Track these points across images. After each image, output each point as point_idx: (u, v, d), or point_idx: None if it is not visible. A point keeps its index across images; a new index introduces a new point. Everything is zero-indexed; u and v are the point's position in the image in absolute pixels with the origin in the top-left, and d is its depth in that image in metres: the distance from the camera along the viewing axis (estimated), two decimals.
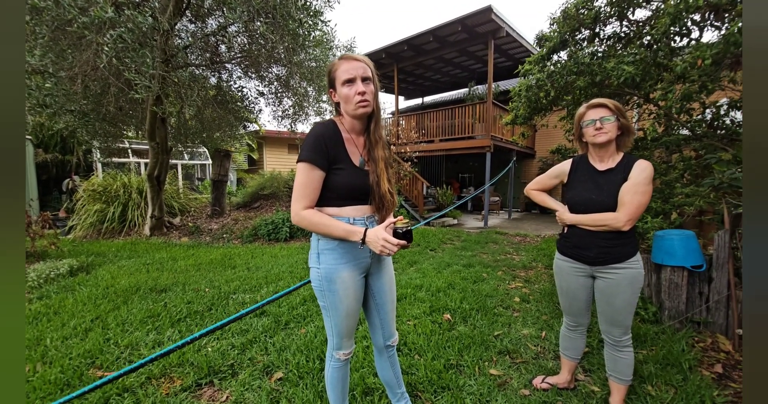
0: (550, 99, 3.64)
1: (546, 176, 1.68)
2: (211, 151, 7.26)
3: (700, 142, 3.28)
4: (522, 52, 8.67)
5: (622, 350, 1.49)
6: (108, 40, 2.66)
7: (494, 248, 5.11)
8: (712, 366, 1.89)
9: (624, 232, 1.40)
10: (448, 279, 3.43)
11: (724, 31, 2.52)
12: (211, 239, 5.68)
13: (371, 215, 1.20)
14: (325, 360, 1.33)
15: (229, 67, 5.33)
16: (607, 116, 1.40)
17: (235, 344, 2.19)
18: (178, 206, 6.73)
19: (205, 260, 4.35)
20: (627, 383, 1.51)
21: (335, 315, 1.19)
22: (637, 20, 3.44)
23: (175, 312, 2.66)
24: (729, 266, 2.13)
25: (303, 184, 1.09)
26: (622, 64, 2.70)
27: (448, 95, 13.42)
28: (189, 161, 10.39)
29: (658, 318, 2.34)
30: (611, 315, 1.47)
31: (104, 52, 2.72)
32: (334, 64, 1.15)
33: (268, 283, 3.41)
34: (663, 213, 3.13)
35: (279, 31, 3.30)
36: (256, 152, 14.11)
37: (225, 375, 1.89)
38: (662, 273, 2.30)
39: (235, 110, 5.79)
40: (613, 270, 1.44)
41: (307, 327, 2.42)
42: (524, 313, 2.67)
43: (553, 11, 3.61)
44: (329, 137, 1.12)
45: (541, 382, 1.75)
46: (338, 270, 1.15)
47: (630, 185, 1.35)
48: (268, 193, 7.28)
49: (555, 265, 1.65)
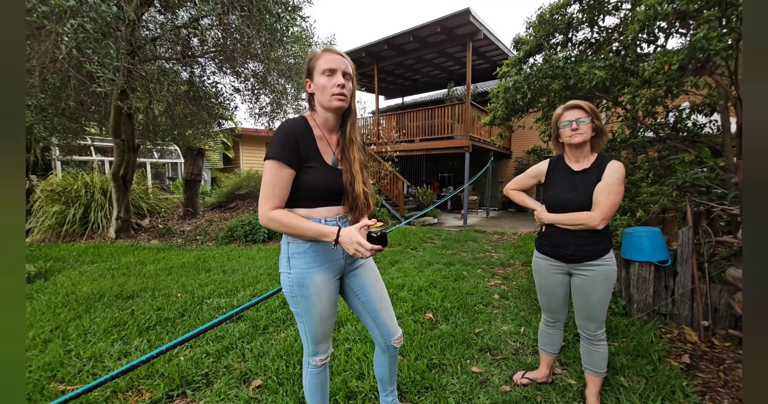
0: (526, 101, 3.74)
1: (524, 176, 1.71)
2: (183, 149, 6.93)
3: (663, 144, 3.48)
4: (499, 55, 8.89)
5: (597, 344, 1.55)
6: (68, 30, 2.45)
7: (473, 247, 5.20)
8: (680, 357, 2.00)
9: (599, 230, 1.45)
10: (430, 278, 3.45)
11: (689, 37, 2.67)
12: (183, 242, 5.42)
13: (344, 216, 1.15)
14: (302, 366, 1.28)
15: (202, 61, 5.10)
16: (583, 118, 1.44)
17: (209, 351, 2.09)
18: (146, 206, 6.37)
19: (177, 263, 4.14)
20: (602, 375, 1.56)
21: (309, 321, 1.13)
22: (606, 27, 3.60)
23: (143, 320, 2.50)
24: (692, 260, 2.26)
25: (271, 183, 1.02)
26: (594, 68, 2.81)
27: (428, 96, 13.55)
28: (159, 160, 9.88)
29: (628, 311, 2.46)
30: (587, 310, 1.51)
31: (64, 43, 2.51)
32: (316, 54, 1.10)
33: (245, 286, 3.29)
34: (630, 211, 3.29)
35: (255, 25, 3.18)
36: (232, 151, 13.64)
37: (199, 384, 1.80)
38: (631, 268, 2.42)
39: (209, 106, 5.55)
40: (589, 267, 1.48)
41: (287, 331, 2.35)
42: (503, 310, 2.72)
43: (529, 16, 3.72)
44: (300, 133, 1.06)
45: (521, 378, 1.78)
46: (310, 274, 1.09)
47: (604, 186, 1.39)
48: (244, 193, 7.04)
49: (534, 263, 1.68)
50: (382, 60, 9.22)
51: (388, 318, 1.27)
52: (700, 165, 3.17)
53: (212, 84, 5.33)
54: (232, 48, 4.14)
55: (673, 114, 3.58)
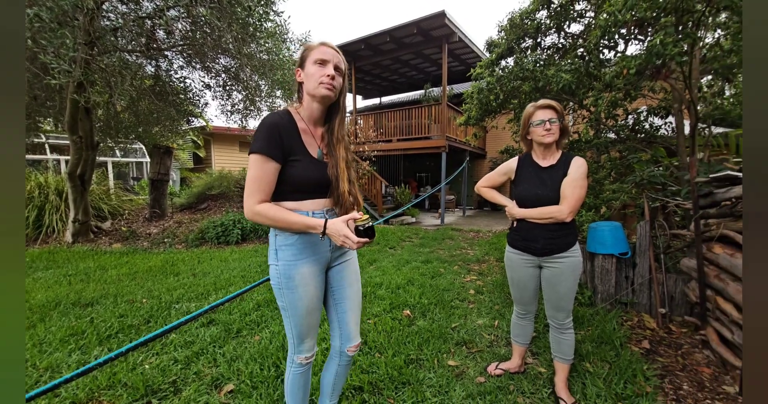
0: (499, 102, 3.86)
1: (495, 174, 1.76)
2: (149, 147, 6.56)
3: (624, 144, 3.71)
4: (473, 58, 9.11)
5: (565, 332, 1.62)
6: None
7: (450, 244, 5.29)
8: (640, 342, 2.13)
9: (566, 223, 1.51)
10: (408, 276, 3.48)
11: (647, 43, 2.86)
12: (149, 245, 5.14)
13: (331, 209, 1.14)
14: (286, 365, 1.24)
15: (169, 55, 4.85)
16: (554, 118, 1.50)
17: (178, 358, 1.99)
18: (108, 208, 5.98)
19: (142, 267, 3.92)
20: (569, 362, 1.64)
21: (294, 314, 1.11)
22: (572, 33, 3.79)
23: (103, 328, 2.34)
24: (650, 252, 2.42)
25: (256, 178, 1.01)
26: (561, 72, 2.95)
27: (405, 96, 13.66)
28: (122, 159, 9.32)
29: (593, 301, 2.59)
30: (556, 300, 1.58)
31: None
32: (311, 45, 1.10)
33: (217, 289, 3.17)
34: (594, 207, 3.48)
35: (226, 18, 3.06)
36: (203, 150, 13.10)
37: (166, 393, 1.71)
38: (595, 261, 2.56)
39: (177, 102, 5.29)
40: (558, 260, 1.55)
41: (262, 333, 2.28)
42: (478, 304, 2.79)
43: (501, 19, 3.84)
44: (283, 126, 1.05)
45: (495, 369, 1.84)
46: (297, 266, 1.08)
47: (569, 181, 1.46)
48: (216, 193, 6.77)
49: (506, 258, 1.74)
50: (359, 59, 9.19)
51: (353, 322, 1.25)
52: (656, 164, 3.40)
53: (180, 79, 5.08)
54: (202, 42, 3.97)
55: (632, 116, 3.82)
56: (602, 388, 1.65)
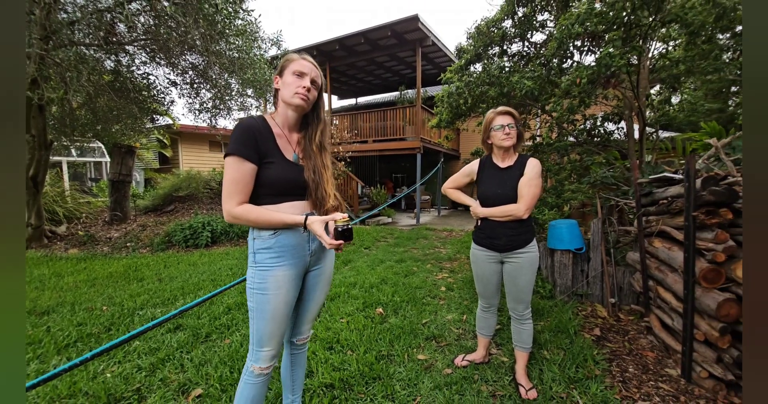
0: (468, 106, 4.01)
1: (459, 175, 1.85)
2: (109, 146, 6.19)
3: (582, 147, 3.98)
4: (446, 61, 9.34)
5: (524, 322, 1.74)
6: None
7: (424, 243, 5.41)
8: (592, 330, 2.31)
9: (524, 221, 1.63)
10: (381, 275, 3.53)
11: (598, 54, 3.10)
12: (110, 250, 4.86)
13: (311, 212, 1.17)
14: (241, 374, 1.18)
15: (130, 49, 4.61)
16: (512, 123, 1.62)
17: (142, 365, 1.93)
18: (63, 211, 5.59)
19: (102, 273, 3.72)
20: (528, 350, 1.76)
21: (260, 317, 1.11)
22: (535, 42, 4.01)
23: (61, 337, 2.22)
24: (602, 247, 2.63)
25: (234, 180, 1.03)
26: (524, 78, 3.12)
27: (381, 97, 13.74)
28: (78, 158, 8.72)
29: (553, 294, 2.77)
30: (516, 293, 1.70)
31: None
32: (292, 57, 1.16)
33: (185, 294, 3.07)
34: (557, 206, 3.70)
35: (192, 14, 2.97)
36: (170, 149, 12.49)
37: (130, 401, 1.65)
38: (555, 256, 2.74)
39: (139, 99, 5.04)
40: (518, 255, 1.66)
41: (232, 337, 2.25)
42: (449, 300, 2.89)
43: (469, 26, 3.99)
44: (258, 130, 1.08)
45: (462, 360, 1.93)
46: (272, 270, 1.09)
47: (526, 180, 1.58)
48: (184, 194, 6.50)
49: (472, 254, 1.83)
50: (333, 60, 9.16)
51: (308, 320, 1.30)
52: (610, 166, 3.68)
53: (143, 75, 4.85)
54: (167, 37, 3.82)
55: (590, 122, 4.10)
56: (557, 373, 1.79)
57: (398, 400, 1.62)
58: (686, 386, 1.72)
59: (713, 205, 1.61)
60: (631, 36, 2.87)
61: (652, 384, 1.75)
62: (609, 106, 4.09)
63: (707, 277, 1.61)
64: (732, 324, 1.58)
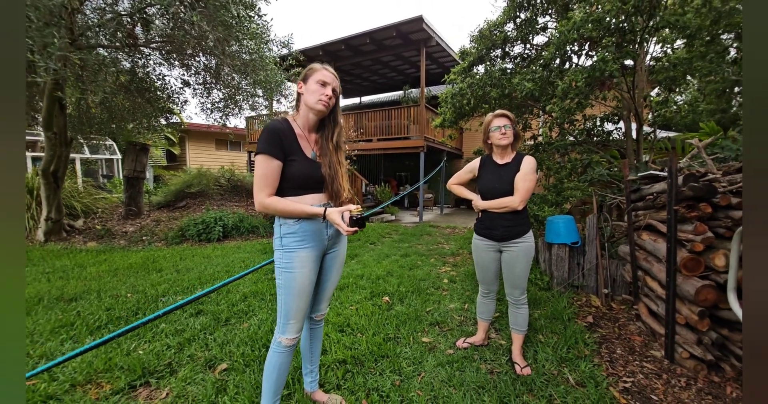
0: (471, 106, 4.17)
1: (462, 172, 2.02)
2: (122, 144, 6.41)
3: (581, 146, 4.12)
4: (450, 61, 9.47)
5: (520, 307, 1.90)
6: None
7: (428, 240, 5.58)
8: (586, 317, 2.47)
9: (520, 213, 1.79)
10: (387, 268, 3.71)
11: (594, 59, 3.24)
12: (127, 243, 5.07)
13: (327, 202, 1.35)
14: (270, 345, 1.37)
15: (146, 51, 4.81)
16: (508, 125, 1.78)
17: (170, 344, 2.12)
18: (80, 206, 5.82)
19: (123, 265, 3.92)
20: (523, 332, 1.92)
21: (287, 293, 1.29)
22: (536, 44, 4.15)
23: (92, 320, 2.41)
24: (596, 241, 2.78)
25: (263, 175, 1.20)
26: (524, 80, 3.27)
27: (385, 97, 13.89)
28: (91, 156, 8.97)
29: (550, 286, 2.93)
30: (513, 279, 1.86)
31: None
32: (316, 67, 1.31)
33: (202, 283, 3.26)
34: (557, 204, 3.85)
35: (212, 21, 3.15)
36: (178, 147, 12.76)
37: (162, 374, 1.84)
38: (552, 250, 2.89)
39: (154, 99, 5.25)
40: (514, 244, 1.83)
41: (250, 321, 2.43)
42: (451, 291, 3.06)
43: (473, 30, 4.14)
44: (283, 131, 1.25)
45: (463, 343, 2.10)
46: (297, 251, 1.27)
47: (521, 175, 1.74)
48: (195, 191, 6.71)
49: (473, 244, 2.00)
50: (339, 60, 9.32)
51: (325, 298, 1.48)
52: (609, 165, 3.82)
53: (158, 76, 5.05)
54: (182, 40, 4.01)
55: (590, 122, 4.24)
56: (550, 354, 1.95)
57: (405, 375, 1.79)
58: (669, 366, 1.88)
59: (693, 200, 1.76)
60: (626, 41, 3.00)
61: (637, 364, 1.91)
62: (608, 106, 4.23)
63: (687, 265, 1.76)
64: (710, 308, 1.73)
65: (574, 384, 1.71)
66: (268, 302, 2.80)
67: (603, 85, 2.92)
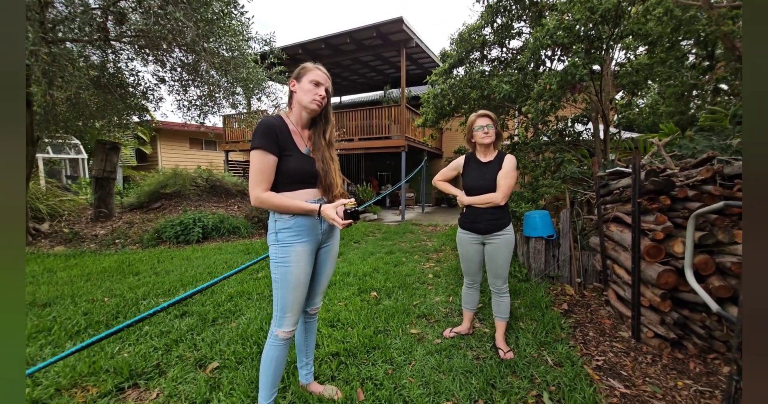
0: (452, 107, 4.31)
1: (447, 169, 2.12)
2: (91, 143, 6.08)
3: (554, 146, 4.35)
4: (429, 62, 9.65)
5: (503, 296, 2.02)
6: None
7: (411, 237, 5.68)
8: (561, 305, 2.64)
9: (502, 208, 1.91)
10: (373, 265, 3.77)
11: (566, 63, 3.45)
12: (98, 247, 4.84)
13: (321, 198, 1.38)
14: (267, 339, 1.39)
15: (117, 45, 4.60)
16: (490, 124, 1.89)
17: (156, 345, 2.08)
18: (45, 209, 5.48)
19: (95, 269, 3.75)
20: (506, 320, 2.05)
21: (284, 287, 1.32)
22: (512, 48, 4.35)
23: (70, 325, 2.32)
24: (570, 235, 2.97)
25: (259, 170, 1.23)
26: (502, 83, 3.43)
27: (366, 96, 13.92)
28: (54, 155, 8.44)
29: (528, 277, 3.10)
30: (495, 270, 1.98)
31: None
32: (309, 66, 1.35)
33: (184, 285, 3.19)
34: (532, 200, 4.06)
35: (192, 17, 3.07)
36: (149, 146, 12.20)
37: (151, 375, 1.81)
38: (530, 243, 3.06)
39: (126, 95, 5.03)
40: (496, 237, 1.94)
41: (238, 320, 2.43)
42: (436, 286, 3.17)
43: (452, 33, 4.28)
44: (278, 127, 1.28)
45: (449, 332, 2.20)
46: (293, 246, 1.30)
47: (503, 173, 1.86)
48: (171, 191, 6.47)
49: (458, 237, 2.10)
50: (319, 58, 9.25)
51: (319, 292, 1.51)
52: (580, 163, 4.07)
53: (131, 71, 4.84)
54: (159, 35, 3.88)
55: (561, 123, 4.49)
56: (530, 339, 2.09)
57: (396, 364, 1.86)
58: (636, 345, 2.06)
59: (654, 193, 1.95)
60: (594, 47, 3.23)
61: (607, 344, 2.08)
62: (578, 108, 4.50)
63: (650, 252, 1.94)
64: (671, 291, 1.92)
65: (553, 364, 1.85)
66: (255, 301, 2.79)
67: (574, 89, 3.13)
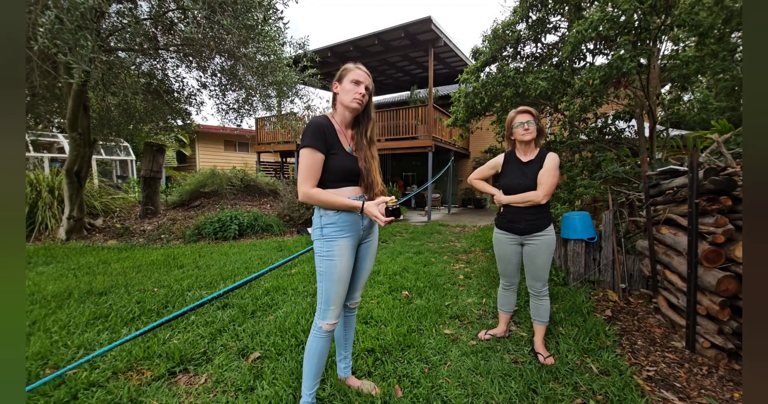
0: (484, 105, 4.22)
1: (485, 167, 2.08)
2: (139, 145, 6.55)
3: (593, 145, 4.15)
4: (457, 62, 9.52)
5: (542, 299, 1.95)
6: (45, 21, 2.38)
7: (438, 238, 5.63)
8: (604, 311, 2.51)
9: (542, 207, 1.85)
10: (402, 264, 3.77)
11: (610, 57, 3.27)
12: (146, 241, 5.20)
13: (362, 195, 1.42)
14: (310, 332, 1.45)
15: (164, 54, 4.94)
16: (531, 120, 1.84)
17: (203, 334, 2.20)
18: (99, 206, 5.97)
19: (145, 261, 4.03)
20: (545, 323, 1.97)
21: (328, 280, 1.36)
22: (548, 44, 4.20)
23: (125, 312, 2.51)
24: (613, 237, 2.82)
25: (308, 166, 1.28)
26: (538, 79, 3.32)
27: (392, 97, 13.97)
28: (105, 157, 9.16)
29: (566, 281, 2.97)
30: (534, 271, 1.91)
31: (40, 34, 2.41)
32: (350, 67, 1.40)
33: (224, 279, 3.35)
34: (568, 201, 3.89)
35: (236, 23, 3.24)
36: (188, 148, 12.96)
37: (199, 361, 1.92)
38: (568, 245, 2.93)
39: (172, 101, 5.38)
40: (536, 237, 1.88)
41: (276, 314, 2.51)
42: (467, 287, 3.12)
43: (485, 30, 4.20)
44: (326, 126, 1.33)
45: (485, 335, 2.15)
46: (336, 240, 1.35)
47: (545, 171, 1.80)
48: (209, 190, 6.84)
49: (494, 238, 2.06)
50: (347, 61, 9.25)
51: (359, 287, 1.54)
52: (621, 163, 3.85)
53: (177, 78, 5.18)
54: (202, 42, 4.11)
55: (601, 120, 4.27)
56: (572, 345, 2.00)
57: (431, 363, 1.86)
58: (690, 355, 1.92)
59: (714, 193, 1.80)
60: (642, 39, 3.04)
61: (658, 354, 1.95)
62: (620, 104, 4.26)
63: (708, 257, 1.80)
64: (731, 298, 1.77)
65: (598, 372, 1.76)
66: (290, 296, 2.88)
67: (618, 83, 2.96)
